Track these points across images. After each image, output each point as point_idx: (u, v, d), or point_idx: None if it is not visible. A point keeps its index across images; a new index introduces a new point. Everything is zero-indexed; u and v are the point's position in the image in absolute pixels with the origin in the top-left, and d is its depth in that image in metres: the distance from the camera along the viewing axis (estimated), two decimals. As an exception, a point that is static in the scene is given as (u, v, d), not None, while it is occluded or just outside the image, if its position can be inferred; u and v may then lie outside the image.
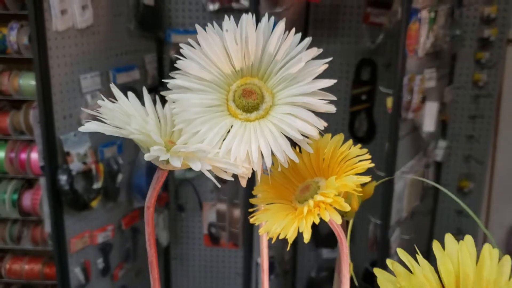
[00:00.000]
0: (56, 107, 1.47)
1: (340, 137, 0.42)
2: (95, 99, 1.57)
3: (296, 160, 0.39)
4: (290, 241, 0.37)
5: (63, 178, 1.48)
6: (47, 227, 1.65)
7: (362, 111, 1.87)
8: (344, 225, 0.53)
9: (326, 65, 0.39)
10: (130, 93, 0.41)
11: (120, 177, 1.70)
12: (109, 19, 1.63)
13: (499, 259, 0.28)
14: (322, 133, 0.41)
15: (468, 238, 0.27)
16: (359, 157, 0.40)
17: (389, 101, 1.44)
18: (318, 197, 0.37)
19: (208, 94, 0.39)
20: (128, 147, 1.78)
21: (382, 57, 1.83)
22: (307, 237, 0.37)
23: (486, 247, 0.28)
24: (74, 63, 1.51)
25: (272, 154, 0.39)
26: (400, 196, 1.50)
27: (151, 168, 1.85)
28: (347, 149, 0.41)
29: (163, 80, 0.41)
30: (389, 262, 0.26)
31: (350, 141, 0.42)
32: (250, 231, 1.60)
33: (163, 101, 0.42)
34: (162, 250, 2.07)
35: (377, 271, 0.27)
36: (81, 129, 0.37)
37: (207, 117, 0.38)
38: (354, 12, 1.83)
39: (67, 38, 1.48)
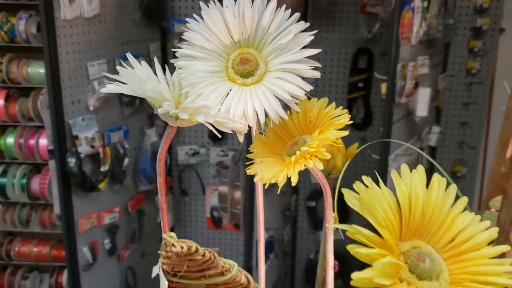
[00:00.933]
0: (65, 93, 1.53)
1: (324, 100, 0.49)
2: (102, 85, 1.64)
3: (285, 117, 0.45)
4: (281, 185, 0.44)
5: (72, 160, 1.54)
6: (56, 209, 1.72)
7: (359, 98, 1.93)
8: (332, 183, 0.60)
9: (312, 37, 0.46)
10: (143, 62, 0.47)
11: (126, 161, 1.77)
12: (115, 9, 1.69)
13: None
14: (309, 96, 0.48)
15: (420, 167, 0.34)
16: (339, 116, 0.46)
17: (384, 87, 1.50)
18: (304, 148, 0.44)
19: (211, 61, 0.46)
20: (133, 133, 1.85)
21: (378, 46, 1.89)
22: (294, 180, 0.43)
23: (435, 176, 0.35)
24: (81, 51, 1.57)
25: (266, 114, 0.46)
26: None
27: (155, 153, 1.92)
28: (331, 110, 0.47)
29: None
30: (355, 184, 0.33)
31: (333, 104, 0.48)
32: (251, 212, 1.67)
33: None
34: (166, 233, 2.14)
35: (344, 190, 0.33)
36: (103, 90, 0.44)
37: (209, 81, 0.45)
38: (351, 2, 1.88)
39: (75, 27, 1.54)
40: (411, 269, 0.30)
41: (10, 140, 1.99)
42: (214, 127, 0.43)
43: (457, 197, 0.35)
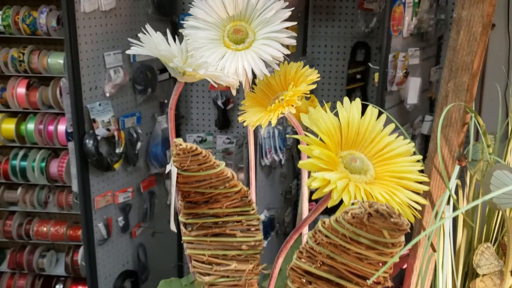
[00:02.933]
0: (84, 80, 1.67)
1: (300, 64, 0.62)
2: (117, 74, 1.78)
3: (268, 74, 0.58)
4: (264, 126, 0.57)
5: (89, 142, 1.68)
6: (74, 187, 1.86)
7: (357, 89, 2.05)
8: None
9: (290, 12, 0.58)
10: (158, 33, 0.60)
11: (139, 145, 1.90)
12: (130, 3, 1.83)
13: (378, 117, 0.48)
14: (288, 60, 0.61)
15: (357, 100, 0.47)
16: (310, 75, 0.59)
17: (377, 76, 1.62)
18: (281, 97, 0.57)
19: (210, 31, 0.59)
20: (146, 119, 1.98)
21: (375, 40, 2.01)
22: (274, 122, 0.56)
23: (370, 107, 0.48)
24: (99, 41, 1.71)
25: (253, 74, 0.59)
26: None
27: (166, 139, 2.06)
28: (304, 70, 0.60)
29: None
30: (310, 110, 0.46)
31: (307, 66, 0.61)
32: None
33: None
34: (176, 213, 2.27)
35: (302, 114, 0.46)
36: (129, 52, 0.57)
37: (209, 46, 0.58)
38: (350, -1, 2.01)
39: (93, 19, 1.68)
40: (346, 166, 0.43)
41: (30, 126, 2.14)
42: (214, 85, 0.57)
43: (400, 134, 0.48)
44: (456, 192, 0.53)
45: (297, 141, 2.03)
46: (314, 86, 0.57)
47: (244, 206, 0.47)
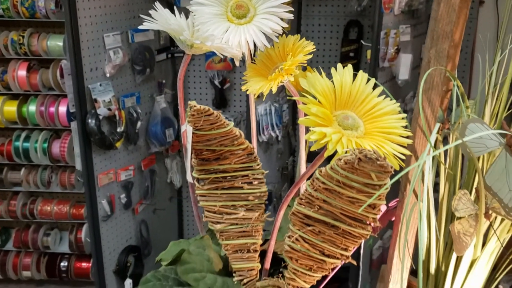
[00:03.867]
0: (84, 61, 1.71)
1: (297, 36, 0.67)
2: (116, 55, 1.82)
3: (268, 46, 0.64)
4: (265, 93, 0.62)
5: (92, 121, 1.73)
6: (78, 165, 1.92)
7: (350, 66, 2.10)
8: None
9: (287, -11, 0.64)
10: (166, 9, 0.66)
11: (139, 124, 1.96)
12: (127, -15, 1.87)
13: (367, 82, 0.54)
14: (286, 33, 0.67)
15: (349, 66, 0.53)
16: (307, 46, 0.65)
17: (369, 53, 1.68)
18: (281, 67, 0.63)
19: (215, 7, 0.64)
20: (145, 99, 2.03)
21: (367, 19, 2.06)
22: (274, 89, 0.62)
23: (360, 72, 0.54)
24: (98, 23, 1.75)
25: (254, 46, 0.64)
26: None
27: (165, 118, 2.11)
28: (302, 42, 0.66)
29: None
30: (308, 74, 0.51)
31: (304, 38, 0.67)
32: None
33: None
34: (176, 191, 2.34)
35: (301, 79, 0.52)
36: (141, 27, 0.62)
37: (214, 21, 0.64)
38: (343, -22, 2.05)
39: (92, 1, 1.72)
40: (339, 123, 0.49)
41: (32, 108, 2.18)
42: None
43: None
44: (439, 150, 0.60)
45: (293, 119, 2.09)
46: (310, 56, 0.63)
47: (250, 162, 0.53)
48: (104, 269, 1.94)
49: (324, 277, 0.61)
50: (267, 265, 0.62)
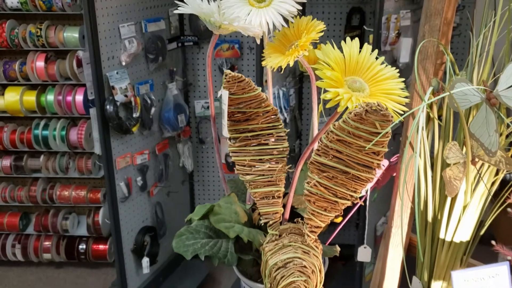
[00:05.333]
0: (102, 50, 1.82)
1: (310, 17, 0.77)
2: (131, 44, 1.92)
3: (286, 25, 0.74)
4: (283, 66, 0.73)
5: (110, 107, 1.84)
6: (97, 150, 2.02)
7: (353, 52, 2.20)
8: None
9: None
10: (196, -4, 0.76)
11: (153, 110, 2.06)
12: (140, -23, 1.96)
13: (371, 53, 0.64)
14: (300, 15, 0.77)
15: (356, 40, 0.63)
16: (319, 26, 0.75)
17: (371, 38, 1.77)
18: (296, 43, 0.73)
19: (239, -7, 0.74)
20: (158, 86, 2.14)
21: (369, 5, 2.15)
22: (292, 63, 0.72)
23: (365, 44, 0.64)
24: (114, 14, 1.85)
25: (274, 26, 0.74)
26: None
27: (177, 104, 2.21)
28: (314, 22, 0.76)
29: None
30: (322, 47, 0.62)
31: (316, 19, 0.77)
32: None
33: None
34: (188, 175, 2.45)
35: (317, 51, 0.62)
36: (176, 11, 0.72)
37: (238, 5, 0.74)
38: (345, -33, 2.14)
39: (108, -7, 1.82)
40: (349, 86, 0.59)
41: (50, 97, 2.29)
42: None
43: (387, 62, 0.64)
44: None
45: (299, 103, 2.19)
46: (322, 34, 0.73)
47: (274, 122, 0.63)
48: (123, 248, 2.05)
49: (339, 224, 0.72)
50: (287, 215, 0.72)
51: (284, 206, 0.71)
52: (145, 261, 2.15)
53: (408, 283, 0.78)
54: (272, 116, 0.63)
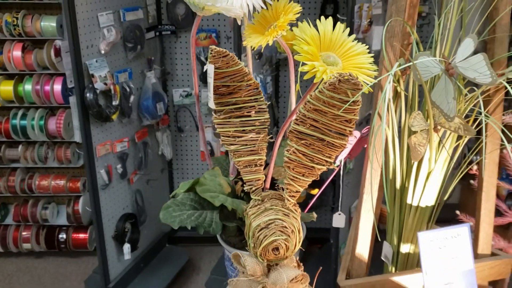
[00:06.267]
0: (81, 39, 1.84)
1: (286, 0, 0.83)
2: (110, 33, 1.95)
3: (265, 7, 0.79)
4: (263, 45, 0.78)
5: (90, 95, 1.86)
6: (77, 137, 2.04)
7: (327, 41, 2.27)
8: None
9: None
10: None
11: (132, 98, 2.09)
12: (118, -34, 1.98)
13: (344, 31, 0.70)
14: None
15: (329, 18, 0.68)
16: (296, 8, 0.81)
17: (343, 26, 1.84)
18: (274, 24, 0.78)
19: (220, -23, 0.79)
20: (136, 75, 2.16)
21: (342, -5, 2.22)
22: (271, 42, 0.78)
23: (338, 23, 0.70)
24: (93, 2, 1.87)
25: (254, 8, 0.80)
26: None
27: (155, 93, 2.24)
28: (291, 4, 0.82)
29: None
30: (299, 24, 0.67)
31: (292, 1, 0.82)
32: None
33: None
34: (167, 162, 2.49)
35: (295, 29, 0.67)
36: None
37: (220, -11, 0.79)
38: (319, -42, 2.20)
39: (86, -18, 1.83)
40: (324, 61, 0.65)
41: (28, 87, 2.29)
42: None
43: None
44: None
45: (276, 92, 2.24)
46: (299, 15, 0.79)
47: (256, 95, 0.69)
48: (104, 235, 2.08)
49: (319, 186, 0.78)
50: (267, 185, 0.78)
51: (265, 176, 0.76)
52: (126, 247, 2.18)
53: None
54: (254, 90, 0.69)
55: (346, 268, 0.86)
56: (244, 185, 0.73)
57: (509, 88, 0.58)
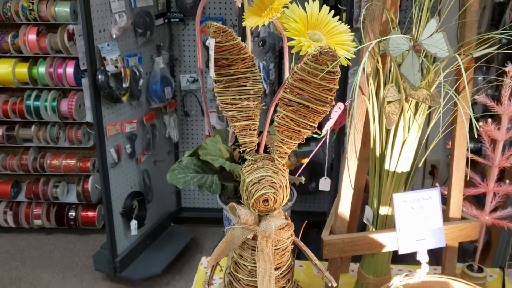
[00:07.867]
0: (94, 23, 1.94)
1: (282, -14, 0.92)
2: (121, 18, 2.05)
3: (261, -8, 0.89)
4: (260, 25, 0.88)
5: (101, 77, 1.97)
6: (88, 117, 2.15)
7: (329, 30, 2.36)
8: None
9: (274, -49, 0.89)
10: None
11: (141, 81, 2.20)
12: (129, -45, 2.08)
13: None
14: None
15: (316, 1, 0.78)
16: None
17: (344, 15, 1.93)
18: (270, 7, 0.88)
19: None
20: (145, 60, 2.27)
21: (344, -13, 2.31)
22: (267, 22, 0.88)
23: (324, 6, 0.80)
24: (105, -11, 1.98)
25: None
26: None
27: (164, 77, 2.35)
28: (284, -10, 0.91)
29: None
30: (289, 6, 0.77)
31: (286, -12, 0.92)
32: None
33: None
34: (173, 145, 2.60)
35: (283, 15, 0.77)
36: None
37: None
38: (322, -50, 2.29)
39: (99, -30, 1.94)
40: (310, 38, 0.75)
41: (41, 69, 2.40)
42: None
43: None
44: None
45: (279, 78, 2.34)
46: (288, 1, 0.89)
47: (251, 67, 0.79)
48: (113, 212, 2.20)
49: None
50: (261, 150, 0.88)
51: (258, 143, 0.87)
52: (133, 223, 2.30)
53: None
54: (250, 62, 0.79)
55: (330, 226, 0.96)
56: (240, 147, 0.83)
57: (460, 61, 0.68)
